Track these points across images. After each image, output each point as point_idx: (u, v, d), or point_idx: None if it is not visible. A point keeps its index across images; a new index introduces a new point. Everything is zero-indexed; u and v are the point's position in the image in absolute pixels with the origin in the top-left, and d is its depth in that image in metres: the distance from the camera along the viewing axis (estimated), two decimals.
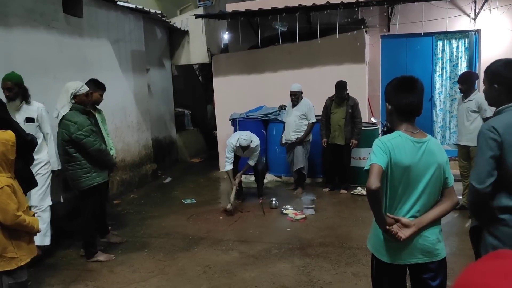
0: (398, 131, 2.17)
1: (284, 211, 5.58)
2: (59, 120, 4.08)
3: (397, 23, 7.39)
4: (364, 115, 7.31)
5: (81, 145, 3.99)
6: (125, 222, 5.45)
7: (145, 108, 7.68)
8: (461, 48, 8.31)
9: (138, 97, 7.36)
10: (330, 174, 6.67)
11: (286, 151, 6.66)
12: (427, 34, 7.70)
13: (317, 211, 5.59)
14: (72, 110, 4.02)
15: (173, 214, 5.75)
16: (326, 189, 6.57)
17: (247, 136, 5.82)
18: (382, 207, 2.12)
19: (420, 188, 2.11)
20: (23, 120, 3.99)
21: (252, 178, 6.70)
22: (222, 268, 4.03)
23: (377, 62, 8.29)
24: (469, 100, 5.08)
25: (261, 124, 7.36)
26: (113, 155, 4.82)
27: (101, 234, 4.70)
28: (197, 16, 7.67)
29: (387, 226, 2.11)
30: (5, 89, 3.96)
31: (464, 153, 5.24)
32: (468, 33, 8.09)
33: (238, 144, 5.79)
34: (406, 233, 2.09)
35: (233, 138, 5.97)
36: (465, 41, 8.26)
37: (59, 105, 4.06)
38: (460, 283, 0.87)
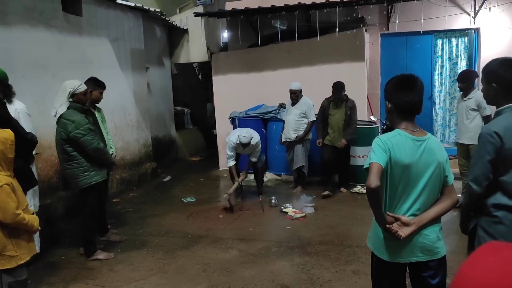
0: (398, 130, 2.17)
1: (284, 210, 5.58)
2: (57, 119, 4.07)
3: (397, 21, 7.38)
4: (364, 114, 7.32)
5: (79, 144, 3.99)
6: (124, 221, 5.45)
7: (145, 106, 7.68)
8: (461, 47, 8.31)
9: (137, 95, 7.36)
10: (328, 176, 6.43)
11: (286, 149, 6.65)
12: (426, 33, 7.70)
13: (316, 209, 5.59)
14: (70, 108, 4.01)
15: (173, 213, 5.75)
16: (326, 192, 6.16)
17: (247, 133, 5.82)
18: (382, 205, 2.12)
19: (420, 186, 2.11)
20: None
21: (252, 177, 6.70)
22: (221, 266, 4.03)
23: (376, 61, 8.29)
24: (469, 99, 5.08)
25: (261, 122, 7.36)
26: (112, 153, 4.81)
27: (101, 232, 4.70)
28: (196, 15, 7.67)
29: (387, 225, 2.11)
30: None
31: (463, 151, 5.24)
32: (468, 31, 8.09)
33: (238, 141, 5.79)
34: (406, 231, 2.09)
35: (233, 135, 5.97)
36: (464, 39, 8.26)
37: (57, 103, 4.04)
38: (457, 281, 0.88)
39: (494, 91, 2.16)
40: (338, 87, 6.08)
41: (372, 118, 7.27)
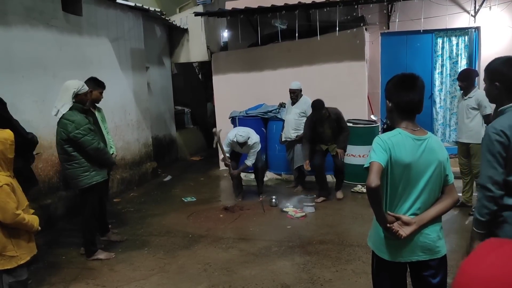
0: (398, 129, 2.17)
1: (284, 209, 5.58)
2: (58, 119, 4.07)
3: (397, 20, 7.37)
4: (364, 113, 7.32)
5: (79, 144, 3.99)
6: (125, 221, 5.45)
7: (145, 106, 7.68)
8: (461, 46, 8.30)
9: (137, 95, 7.36)
10: (322, 182, 6.06)
11: (286, 149, 6.65)
12: (426, 32, 7.69)
13: (317, 208, 5.59)
14: (71, 109, 4.01)
15: (173, 212, 5.75)
16: (320, 199, 5.91)
17: (244, 132, 5.82)
18: (383, 205, 2.12)
19: (420, 185, 2.11)
20: None
21: (252, 176, 6.70)
22: (222, 266, 4.03)
23: (377, 60, 8.28)
24: (469, 98, 5.07)
25: (261, 122, 7.35)
26: (113, 153, 4.81)
27: (101, 232, 4.70)
28: (196, 14, 7.66)
29: (388, 224, 2.10)
30: None
31: (464, 150, 5.24)
32: (468, 30, 8.07)
33: (235, 140, 5.80)
34: (407, 231, 2.08)
35: (232, 132, 5.99)
36: (465, 38, 8.25)
37: (59, 103, 4.03)
38: (459, 280, 0.88)
39: (497, 90, 2.15)
40: (318, 108, 5.72)
41: (373, 117, 7.26)
